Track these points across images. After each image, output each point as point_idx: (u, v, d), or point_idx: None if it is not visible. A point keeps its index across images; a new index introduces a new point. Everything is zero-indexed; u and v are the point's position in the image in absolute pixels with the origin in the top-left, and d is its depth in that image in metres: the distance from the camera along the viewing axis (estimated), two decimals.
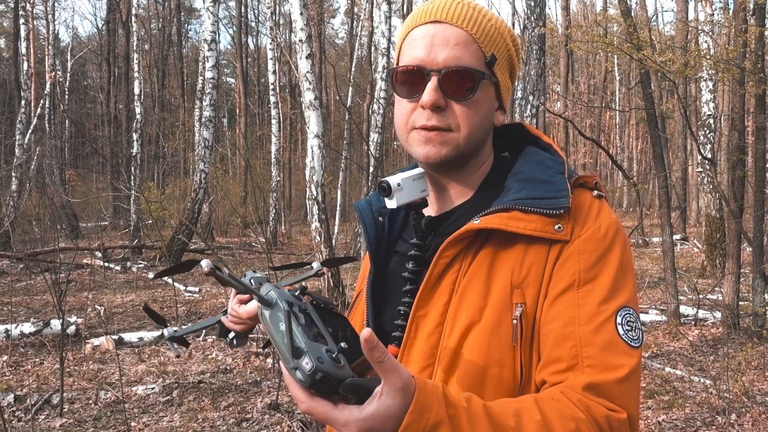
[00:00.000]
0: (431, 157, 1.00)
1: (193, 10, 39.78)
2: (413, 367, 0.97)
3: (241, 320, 1.37)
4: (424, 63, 0.99)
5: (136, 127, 17.23)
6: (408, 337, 0.99)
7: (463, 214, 1.04)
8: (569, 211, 0.96)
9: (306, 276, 1.52)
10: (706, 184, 11.43)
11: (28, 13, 19.10)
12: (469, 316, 0.95)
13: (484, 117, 1.02)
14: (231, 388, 5.23)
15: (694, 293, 7.88)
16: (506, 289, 0.94)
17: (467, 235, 0.97)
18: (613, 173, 31.36)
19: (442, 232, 1.04)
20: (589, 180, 1.04)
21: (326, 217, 8.38)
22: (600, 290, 0.93)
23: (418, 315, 0.99)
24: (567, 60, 25.53)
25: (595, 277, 0.94)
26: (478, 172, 1.07)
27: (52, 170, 19.72)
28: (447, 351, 0.95)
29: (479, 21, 1.00)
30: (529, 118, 7.14)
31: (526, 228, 0.95)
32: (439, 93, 0.98)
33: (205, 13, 13.60)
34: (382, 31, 13.29)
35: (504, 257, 0.96)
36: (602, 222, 0.97)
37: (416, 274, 1.03)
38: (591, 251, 0.95)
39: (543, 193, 0.97)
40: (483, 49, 1.00)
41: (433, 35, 0.99)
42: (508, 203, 0.97)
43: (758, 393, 5.01)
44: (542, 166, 1.02)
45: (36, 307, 8.37)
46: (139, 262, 12.72)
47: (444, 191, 1.08)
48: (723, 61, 7.11)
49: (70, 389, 5.12)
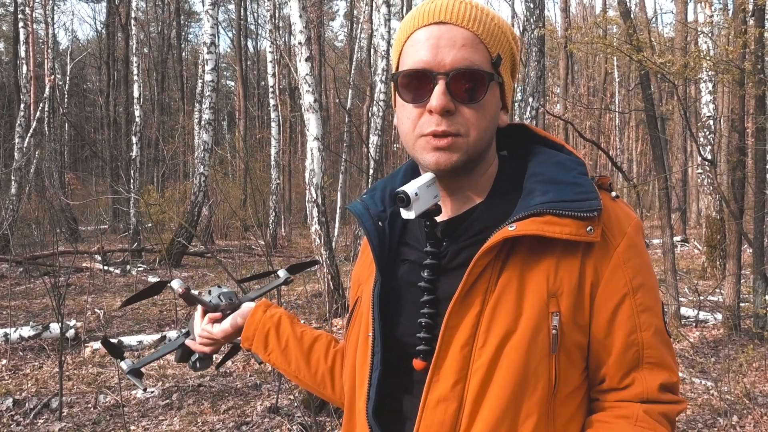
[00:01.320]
0: (442, 164, 0.97)
1: (192, 14, 39.83)
2: (445, 380, 0.95)
3: (212, 340, 1.33)
4: (431, 66, 0.95)
5: (136, 131, 17.22)
6: (440, 349, 0.95)
7: (479, 217, 1.01)
8: (600, 213, 0.95)
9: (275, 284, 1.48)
10: (707, 185, 11.42)
11: (28, 17, 19.11)
12: (505, 325, 0.93)
13: (492, 119, 1.00)
14: (231, 392, 5.21)
15: (695, 295, 7.87)
16: (543, 298, 0.93)
17: (501, 243, 0.94)
18: (613, 175, 31.31)
19: (457, 237, 1.01)
20: (604, 181, 1.03)
21: (326, 220, 8.36)
22: (650, 294, 0.99)
23: (450, 326, 0.95)
24: (566, 62, 25.54)
25: (643, 282, 0.98)
26: (487, 173, 1.04)
27: (52, 173, 19.71)
28: (481, 363, 0.93)
29: (484, 21, 0.97)
30: (528, 120, 7.13)
31: (562, 232, 0.92)
32: (448, 96, 0.94)
33: (205, 16, 13.61)
34: (382, 34, 13.29)
35: (537, 263, 0.94)
36: (632, 225, 0.99)
37: (434, 283, 0.99)
38: (632, 258, 0.98)
39: (572, 195, 0.95)
40: (489, 50, 0.97)
41: (438, 36, 0.95)
42: (539, 207, 0.94)
43: (760, 394, 5.00)
44: (563, 167, 1.00)
45: (35, 310, 8.35)
46: (139, 266, 12.70)
47: (455, 195, 1.04)
48: (722, 62, 7.10)
49: (69, 393, 5.10)
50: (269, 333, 1.28)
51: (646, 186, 19.31)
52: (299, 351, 1.27)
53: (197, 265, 13.68)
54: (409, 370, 0.99)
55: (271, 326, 1.28)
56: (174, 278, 1.28)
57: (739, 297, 6.97)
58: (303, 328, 1.30)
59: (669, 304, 7.21)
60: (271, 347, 1.27)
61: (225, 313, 1.33)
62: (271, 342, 1.27)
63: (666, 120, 20.62)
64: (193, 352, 1.38)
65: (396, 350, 1.01)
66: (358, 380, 1.05)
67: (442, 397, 0.94)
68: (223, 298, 1.35)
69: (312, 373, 1.27)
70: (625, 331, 0.96)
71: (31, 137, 17.00)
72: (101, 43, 30.98)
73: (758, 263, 6.76)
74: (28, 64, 16.95)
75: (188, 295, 1.27)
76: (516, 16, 26.48)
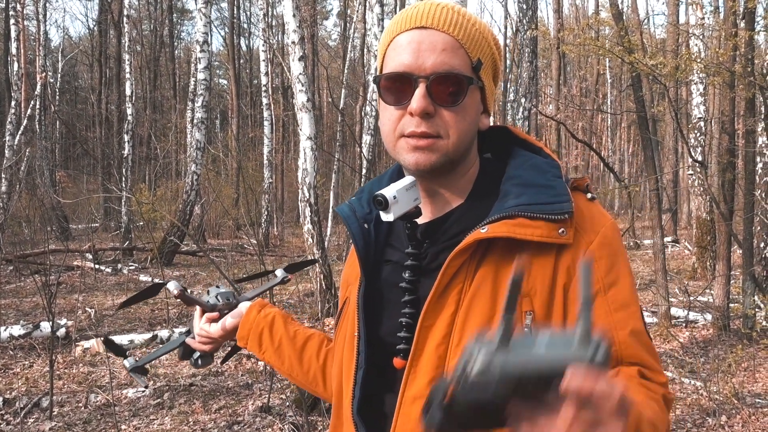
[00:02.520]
0: (421, 164, 0.98)
1: (185, 12, 39.73)
2: (422, 378, 0.96)
3: (211, 339, 1.35)
4: (412, 69, 0.97)
5: (128, 129, 17.15)
6: (416, 348, 0.97)
7: (458, 219, 1.03)
8: (572, 216, 0.97)
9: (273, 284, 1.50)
10: (697, 186, 11.48)
11: (19, 14, 18.99)
12: (479, 324, 0.94)
13: (472, 122, 1.02)
14: (222, 391, 5.20)
15: (685, 295, 7.92)
16: None
17: (473, 244, 0.96)
18: (605, 175, 31.48)
19: (437, 239, 1.03)
20: (580, 183, 1.04)
21: (318, 219, 8.36)
22: (624, 292, 0.97)
23: (425, 326, 0.97)
24: (559, 63, 25.63)
25: (615, 280, 0.97)
26: (467, 176, 1.06)
27: (43, 171, 19.59)
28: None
29: (465, 26, 0.99)
30: (521, 121, 7.16)
31: (533, 234, 0.94)
32: (428, 99, 0.96)
33: (198, 15, 13.57)
34: (375, 33, 13.29)
35: (510, 264, 0.96)
36: (606, 225, 1.00)
37: (414, 283, 1.02)
38: (606, 257, 0.97)
39: (545, 198, 0.97)
40: (469, 54, 0.99)
41: (420, 41, 0.98)
42: (512, 210, 0.96)
43: (748, 394, 5.04)
44: (538, 170, 1.02)
45: (26, 309, 8.31)
46: (130, 264, 12.65)
47: (435, 197, 1.06)
48: (713, 65, 7.15)
49: (59, 392, 5.08)
50: (263, 332, 1.30)
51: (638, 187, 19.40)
52: (292, 350, 1.29)
53: (189, 264, 13.64)
54: (392, 369, 1.01)
55: (264, 326, 1.31)
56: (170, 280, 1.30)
57: (729, 298, 7.02)
58: (296, 327, 1.33)
59: (659, 304, 7.25)
60: (265, 346, 1.30)
61: (222, 313, 1.36)
62: (264, 341, 1.30)
63: (657, 121, 20.73)
64: (194, 350, 1.40)
65: (379, 349, 1.03)
66: (345, 378, 1.07)
67: (419, 395, 0.96)
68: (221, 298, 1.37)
69: (304, 371, 1.29)
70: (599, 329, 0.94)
71: (21, 135, 16.89)
72: (93, 41, 30.82)
73: (747, 264, 6.81)
74: (19, 61, 16.85)
75: (184, 296, 1.29)
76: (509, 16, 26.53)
